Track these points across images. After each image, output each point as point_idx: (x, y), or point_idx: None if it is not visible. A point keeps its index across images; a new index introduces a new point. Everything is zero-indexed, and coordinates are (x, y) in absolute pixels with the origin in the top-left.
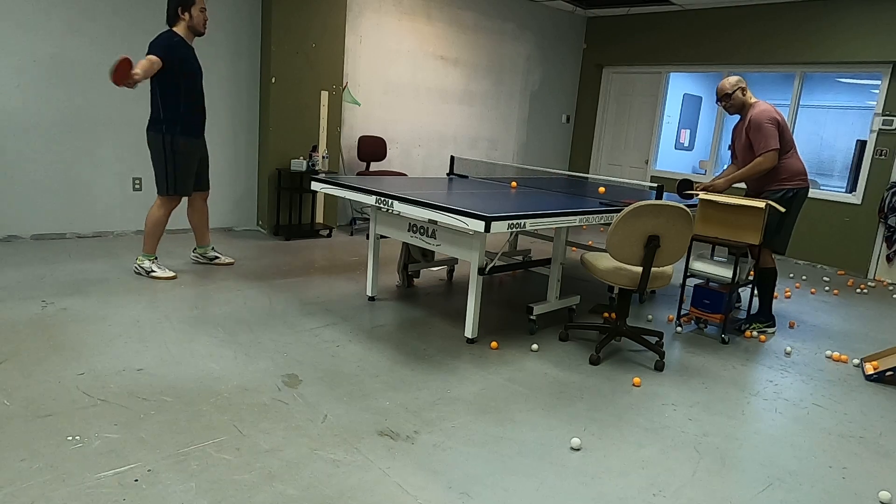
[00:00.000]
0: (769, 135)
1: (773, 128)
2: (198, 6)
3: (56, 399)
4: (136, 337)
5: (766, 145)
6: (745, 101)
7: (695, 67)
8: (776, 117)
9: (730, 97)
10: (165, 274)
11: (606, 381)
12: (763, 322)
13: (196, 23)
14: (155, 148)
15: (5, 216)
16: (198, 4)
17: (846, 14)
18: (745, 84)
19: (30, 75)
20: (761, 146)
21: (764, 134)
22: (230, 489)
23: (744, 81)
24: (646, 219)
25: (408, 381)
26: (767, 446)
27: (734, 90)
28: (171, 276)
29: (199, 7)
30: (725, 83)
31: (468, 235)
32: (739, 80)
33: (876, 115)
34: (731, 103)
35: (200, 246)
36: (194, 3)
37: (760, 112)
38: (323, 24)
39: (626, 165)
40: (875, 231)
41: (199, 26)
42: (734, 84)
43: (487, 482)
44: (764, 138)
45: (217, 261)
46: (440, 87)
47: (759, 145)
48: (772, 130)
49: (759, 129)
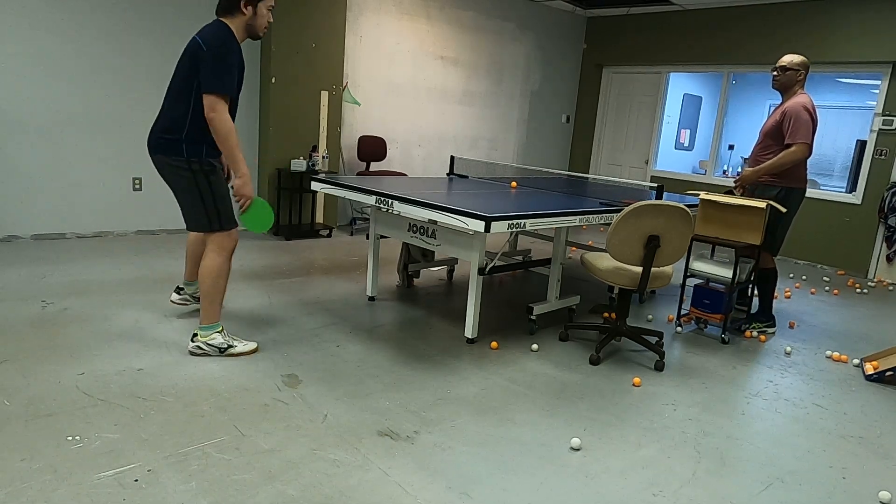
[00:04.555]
0: (807, 127)
1: (810, 122)
2: (267, 2)
3: (56, 399)
4: (136, 337)
5: (802, 137)
6: (795, 87)
7: (695, 67)
8: (814, 114)
9: (786, 71)
10: (248, 348)
11: (606, 381)
12: (763, 322)
13: (259, 23)
14: (178, 177)
15: (5, 216)
16: (266, 1)
17: (846, 14)
18: (807, 70)
19: (30, 75)
20: (800, 136)
21: (803, 124)
22: (230, 489)
23: (807, 68)
24: (646, 219)
25: (408, 381)
26: (767, 446)
27: (795, 69)
28: (254, 348)
29: (269, 4)
30: (793, 57)
31: (468, 235)
32: (805, 62)
33: (876, 115)
34: (784, 78)
35: (190, 283)
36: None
37: (807, 102)
38: (323, 24)
39: (626, 165)
40: (875, 231)
41: (260, 28)
42: (798, 63)
43: (487, 482)
44: (802, 128)
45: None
46: (440, 87)
47: (798, 134)
48: (809, 123)
49: (799, 118)
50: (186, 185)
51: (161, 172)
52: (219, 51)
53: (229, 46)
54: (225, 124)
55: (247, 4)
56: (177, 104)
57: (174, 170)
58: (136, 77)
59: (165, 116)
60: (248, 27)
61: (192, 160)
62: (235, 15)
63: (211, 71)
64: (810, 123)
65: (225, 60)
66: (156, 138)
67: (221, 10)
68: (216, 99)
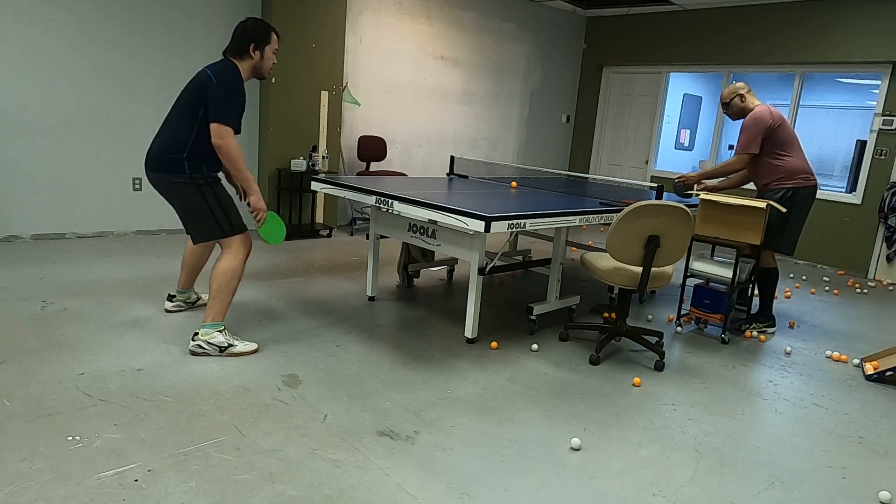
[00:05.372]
0: (749, 138)
1: (757, 133)
2: (273, 46)
3: (56, 399)
4: (136, 337)
5: (742, 147)
6: (745, 108)
7: (695, 67)
8: (767, 122)
9: (728, 105)
10: (249, 348)
11: (606, 381)
12: (763, 322)
13: (265, 66)
14: (184, 194)
15: (5, 216)
16: (273, 45)
17: (846, 14)
18: (745, 91)
19: (30, 75)
20: (739, 146)
21: (745, 136)
22: (230, 489)
23: (744, 88)
24: (646, 219)
25: (408, 381)
26: (767, 446)
27: (731, 98)
28: (254, 349)
29: (274, 48)
30: (725, 91)
31: (468, 235)
32: (739, 87)
33: (876, 115)
34: (730, 111)
35: (182, 291)
36: (270, 42)
37: (752, 114)
38: (323, 24)
39: (626, 165)
40: (875, 231)
41: (265, 70)
42: (732, 92)
43: (487, 482)
44: (744, 140)
45: (200, 302)
46: (440, 87)
47: (739, 145)
48: (754, 135)
49: (745, 130)
50: (194, 200)
51: (163, 190)
52: (228, 86)
53: (237, 83)
54: (233, 150)
55: (255, 49)
56: (180, 126)
57: (180, 187)
58: (136, 78)
59: (166, 136)
60: (254, 69)
61: (194, 176)
62: (244, 57)
63: (221, 103)
64: (757, 133)
65: (233, 95)
66: (156, 157)
67: (231, 52)
68: (225, 128)
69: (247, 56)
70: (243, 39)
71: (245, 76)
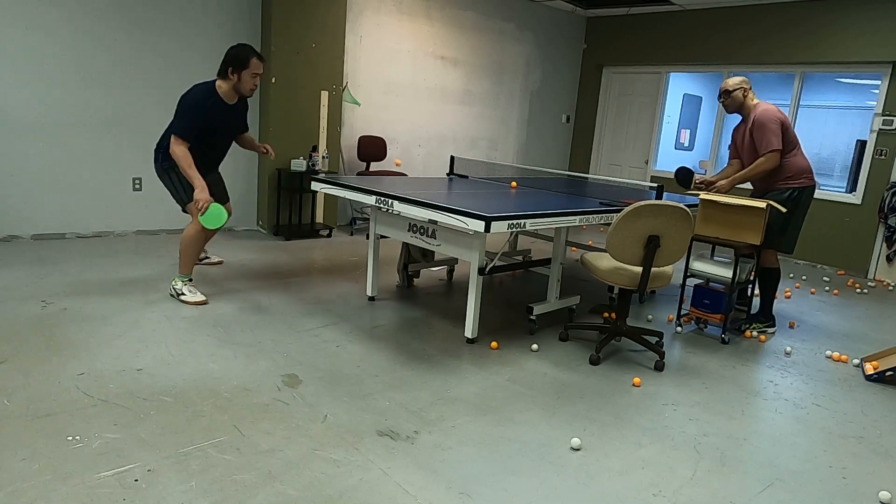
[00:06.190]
0: (773, 134)
1: (777, 128)
2: (251, 70)
3: (56, 399)
4: (136, 337)
5: (769, 145)
6: (746, 103)
7: (695, 67)
8: (780, 117)
9: (730, 94)
10: (195, 298)
11: (606, 381)
12: (763, 322)
13: (243, 87)
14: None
15: (5, 216)
16: (251, 69)
17: (846, 14)
18: (748, 86)
19: (30, 75)
20: (764, 146)
21: (768, 134)
22: (230, 489)
23: (748, 83)
24: (646, 219)
25: (408, 381)
26: (767, 446)
27: (735, 89)
28: (202, 300)
29: (252, 72)
30: (729, 81)
31: (468, 235)
32: (744, 80)
33: (876, 115)
34: (729, 101)
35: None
36: (248, 66)
37: (764, 112)
38: (323, 24)
39: (626, 165)
40: (875, 231)
41: (245, 90)
42: (737, 84)
43: (487, 482)
44: (767, 138)
45: (206, 261)
46: (440, 87)
47: (763, 145)
48: (776, 130)
49: (763, 128)
50: (165, 180)
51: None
52: (187, 105)
53: (200, 104)
54: (179, 156)
55: (233, 72)
56: (167, 130)
57: (159, 169)
58: (136, 78)
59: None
60: (235, 88)
61: (164, 164)
62: (225, 79)
63: (177, 117)
64: (776, 129)
65: (188, 113)
66: (155, 150)
67: (218, 72)
68: (175, 138)
69: (226, 78)
70: (224, 63)
71: (228, 95)
